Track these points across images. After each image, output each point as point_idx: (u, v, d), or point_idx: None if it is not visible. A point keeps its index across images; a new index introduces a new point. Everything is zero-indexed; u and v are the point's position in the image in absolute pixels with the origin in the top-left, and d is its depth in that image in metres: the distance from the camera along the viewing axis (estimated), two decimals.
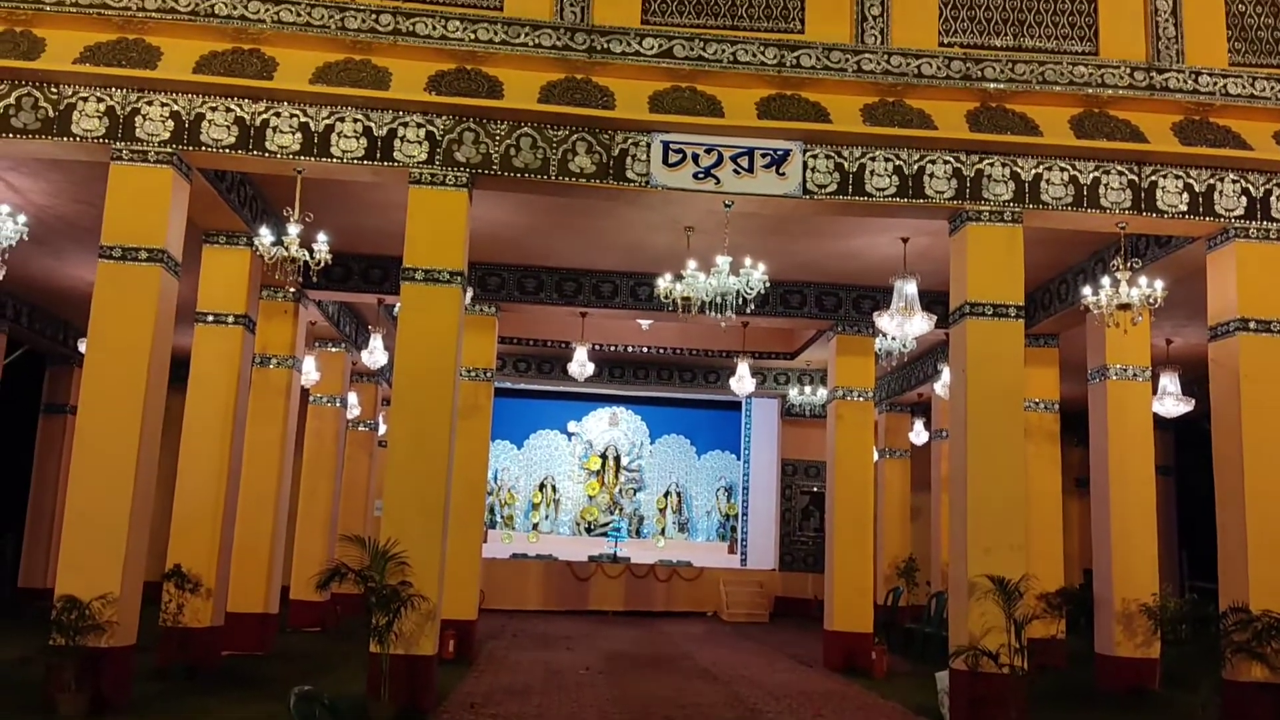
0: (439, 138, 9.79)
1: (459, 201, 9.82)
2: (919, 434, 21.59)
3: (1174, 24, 10.19)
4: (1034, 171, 10.09)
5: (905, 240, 12.24)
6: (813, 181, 10.03)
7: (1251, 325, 10.02)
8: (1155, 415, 13.41)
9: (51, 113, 9.36)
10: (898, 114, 10.04)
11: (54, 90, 9.38)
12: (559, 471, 24.40)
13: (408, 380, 9.73)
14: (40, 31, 9.34)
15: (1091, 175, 10.08)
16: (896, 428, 22.00)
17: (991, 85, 9.96)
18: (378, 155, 9.71)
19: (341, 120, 9.69)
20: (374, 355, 15.80)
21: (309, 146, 9.63)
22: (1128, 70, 9.99)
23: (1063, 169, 10.08)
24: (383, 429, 19.80)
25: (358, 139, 9.71)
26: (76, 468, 9.18)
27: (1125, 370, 12.65)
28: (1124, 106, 10.06)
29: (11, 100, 9.32)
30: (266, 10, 9.47)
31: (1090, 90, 9.96)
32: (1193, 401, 15.00)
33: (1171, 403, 14.92)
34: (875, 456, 16.86)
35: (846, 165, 10.06)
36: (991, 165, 10.10)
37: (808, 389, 20.18)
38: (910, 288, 11.79)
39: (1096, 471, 12.91)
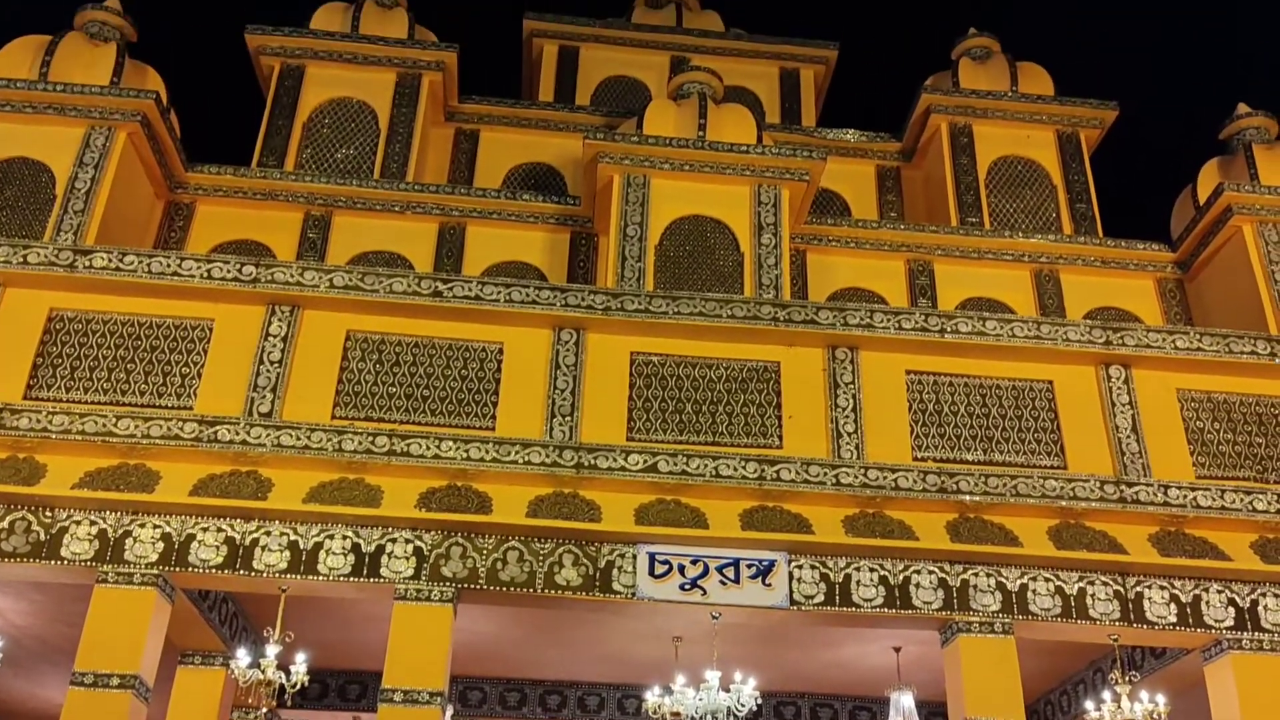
0: (426, 553, 9.85)
1: (443, 617, 9.69)
2: None
3: (1136, 440, 10.70)
4: (1019, 582, 10.13)
5: (898, 650, 12.00)
6: (799, 592, 10.01)
7: None
8: None
9: (43, 536, 9.47)
10: (879, 525, 10.22)
11: (48, 514, 9.55)
12: None
13: None
14: (42, 458, 9.67)
15: (1077, 585, 10.11)
16: None
17: (967, 497, 10.25)
18: (364, 572, 9.71)
19: (331, 538, 9.80)
20: None
21: (296, 564, 9.65)
22: (1098, 484, 10.34)
23: (1048, 579, 10.13)
24: None
25: (345, 556, 9.75)
26: None
27: None
28: (1099, 518, 10.30)
29: (4, 524, 9.46)
30: (268, 435, 9.87)
31: (1064, 503, 10.24)
32: None
33: None
34: None
35: (832, 576, 10.09)
36: (976, 575, 10.15)
37: None
38: (907, 700, 11.43)
39: None
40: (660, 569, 10.01)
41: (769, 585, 10.05)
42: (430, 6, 17.67)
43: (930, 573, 10.14)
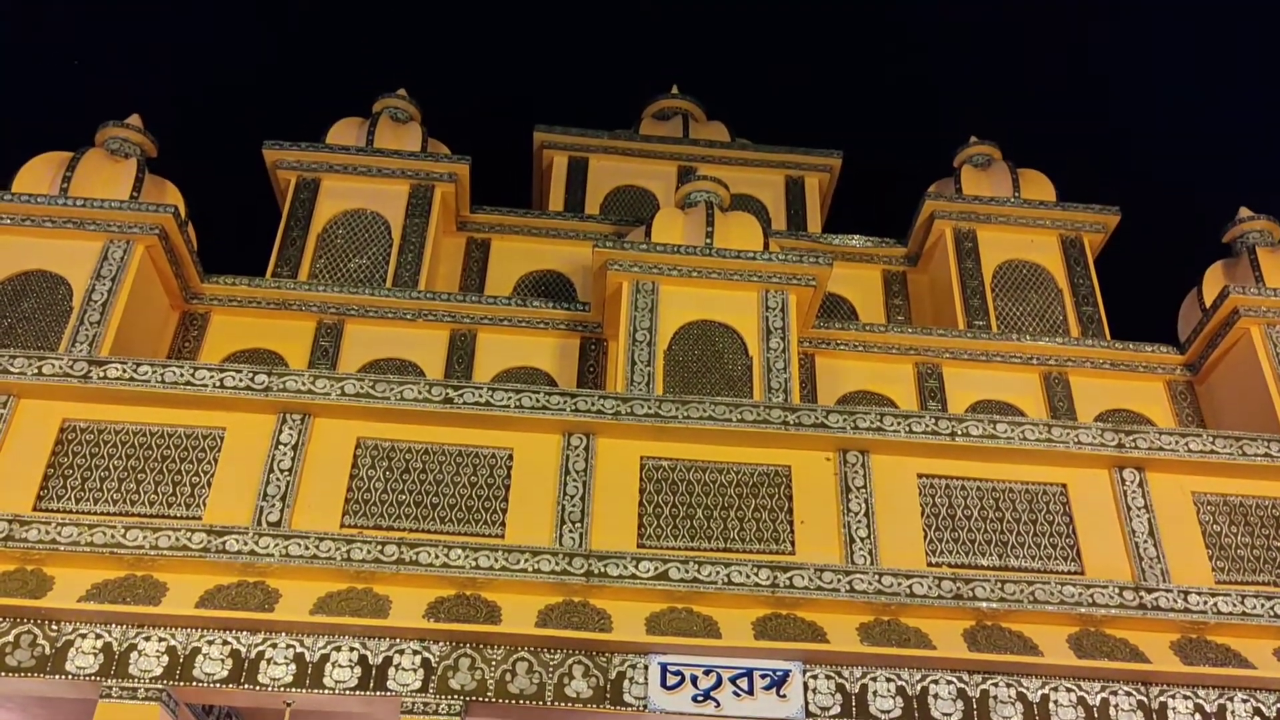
0: (434, 664, 9.68)
1: None
2: None
3: (1154, 544, 10.57)
4: (1040, 692, 9.90)
5: None
6: (815, 703, 9.79)
7: None
8: None
9: (48, 650, 9.35)
10: (894, 633, 10.05)
11: (54, 627, 9.45)
12: None
13: None
14: (51, 570, 9.62)
15: (1099, 696, 9.88)
16: None
17: (984, 604, 10.09)
18: (371, 685, 9.54)
19: (338, 649, 9.66)
20: None
21: (302, 678, 9.49)
22: (1116, 590, 10.19)
23: (1069, 689, 9.90)
24: None
25: (352, 668, 9.60)
26: None
27: None
28: (1119, 625, 10.12)
29: (10, 638, 9.36)
30: (276, 545, 9.82)
31: (1083, 609, 10.08)
32: None
33: None
34: None
35: (848, 686, 9.88)
36: (996, 685, 9.93)
37: None
38: None
39: None
40: (672, 679, 9.82)
41: (784, 696, 9.84)
42: (443, 120, 18.16)
43: (949, 683, 9.92)
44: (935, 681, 9.93)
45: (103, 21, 27.32)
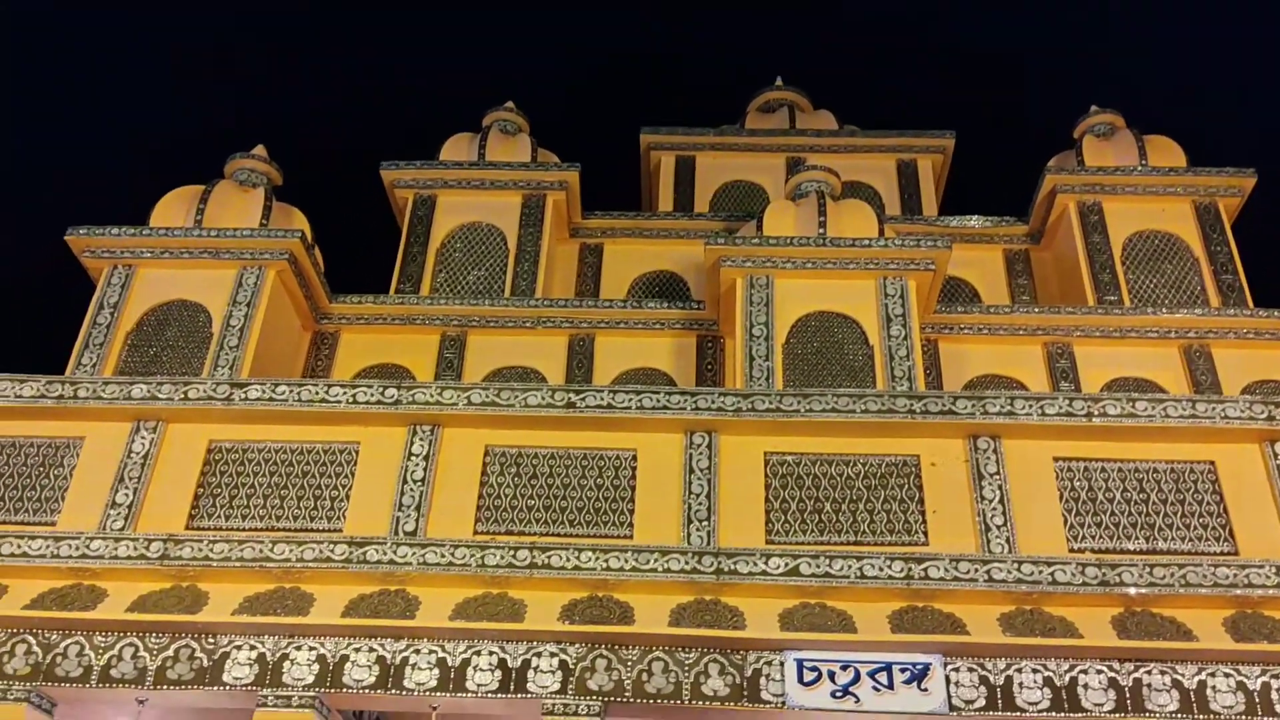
0: (572, 666, 9.80)
1: None
2: None
3: None
4: (1197, 678, 9.48)
5: None
6: (958, 696, 9.57)
7: None
8: None
9: (206, 662, 9.80)
10: (1038, 622, 9.75)
11: (210, 640, 9.90)
12: None
13: None
14: (204, 585, 10.07)
15: (1260, 680, 9.40)
16: None
17: (1133, 590, 9.70)
18: (511, 688, 9.71)
19: (478, 654, 9.86)
20: None
21: (445, 682, 9.73)
22: (1273, 569, 9.67)
23: (1228, 674, 9.45)
24: None
25: (492, 672, 9.78)
26: None
27: None
28: (1278, 606, 9.61)
29: (170, 652, 9.84)
30: (414, 554, 10.08)
31: (1238, 591, 9.61)
32: None
33: None
34: None
35: (992, 678, 9.63)
36: (1150, 673, 9.54)
37: None
38: None
39: None
40: (809, 676, 9.73)
41: (925, 690, 9.65)
42: (550, 130, 18.41)
43: (1099, 672, 9.58)
44: (1084, 671, 9.60)
45: (232, 55, 28.58)
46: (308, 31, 29.75)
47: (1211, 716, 9.32)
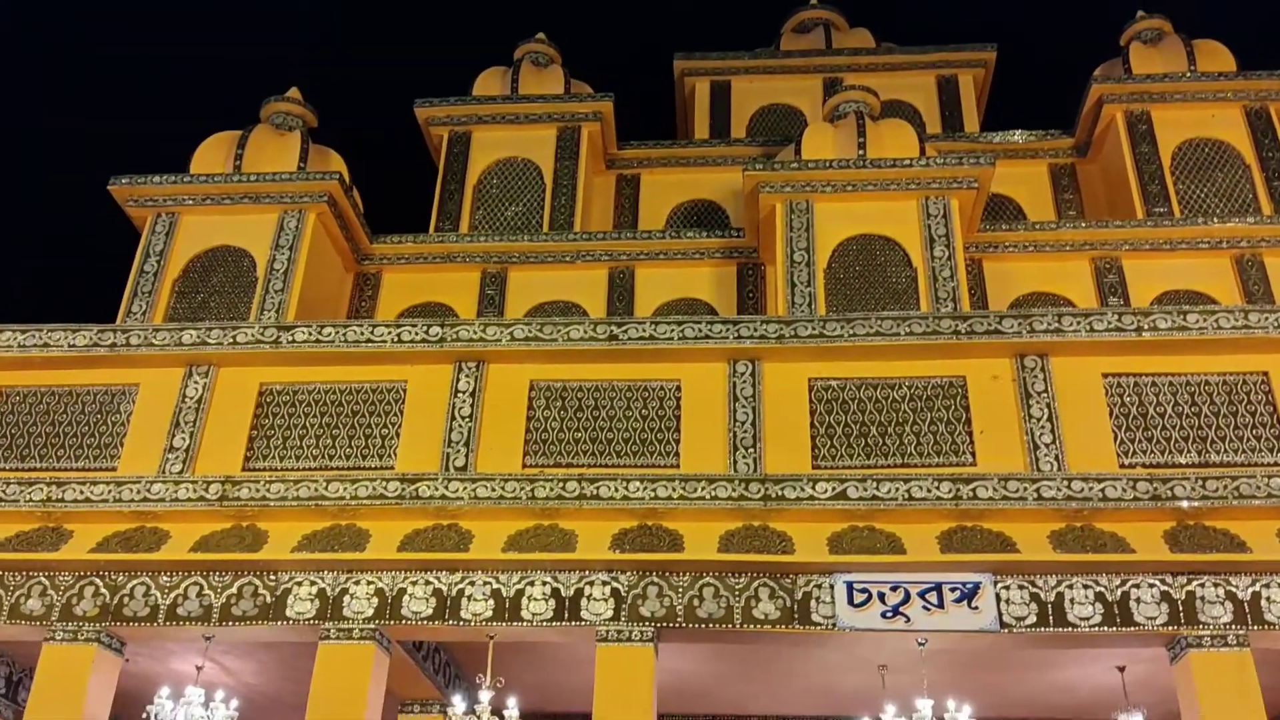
0: (624, 594, 9.94)
1: (645, 659, 9.75)
2: None
3: None
4: (1251, 590, 9.43)
5: (1122, 669, 11.32)
6: (1009, 614, 9.61)
7: None
8: None
9: (269, 599, 10.06)
10: (1089, 539, 9.72)
11: (272, 577, 10.14)
12: None
13: None
14: (263, 524, 10.30)
15: None
16: None
17: (1185, 503, 9.63)
18: (565, 616, 9.89)
19: (531, 584, 10.03)
20: None
21: (501, 612, 9.92)
22: None
23: None
24: None
25: (546, 601, 9.96)
26: None
27: None
28: None
29: (234, 590, 10.11)
30: (465, 489, 10.22)
31: None
32: None
33: None
34: None
35: (1043, 595, 9.65)
36: (1203, 586, 9.51)
37: None
38: None
39: None
40: (859, 598, 9.80)
41: (975, 608, 9.69)
42: (582, 60, 18.19)
43: (1151, 586, 9.56)
44: (1136, 585, 9.58)
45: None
46: None
47: (1266, 627, 9.29)
